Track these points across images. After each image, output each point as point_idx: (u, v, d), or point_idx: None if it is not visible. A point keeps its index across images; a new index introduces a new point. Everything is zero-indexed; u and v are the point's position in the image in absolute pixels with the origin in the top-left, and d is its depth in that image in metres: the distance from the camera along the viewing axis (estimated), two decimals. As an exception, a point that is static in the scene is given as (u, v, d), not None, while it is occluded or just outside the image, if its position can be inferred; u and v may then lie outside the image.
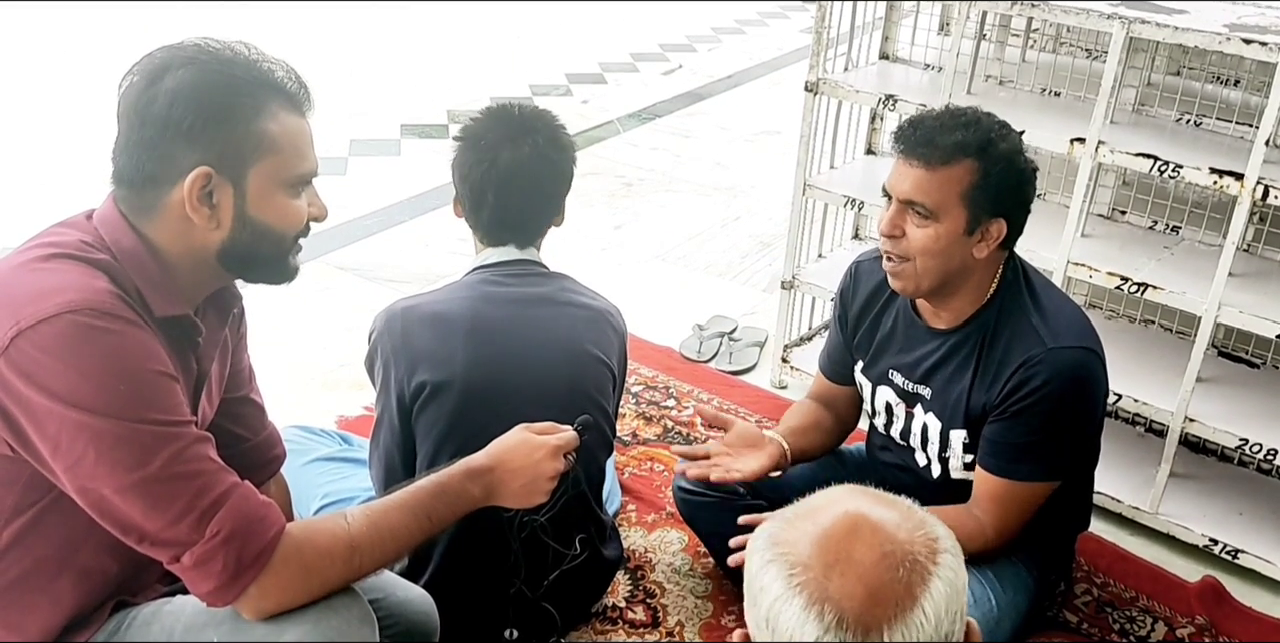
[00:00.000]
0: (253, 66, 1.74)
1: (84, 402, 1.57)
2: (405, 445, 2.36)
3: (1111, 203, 3.20)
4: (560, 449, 2.01)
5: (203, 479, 1.64)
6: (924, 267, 2.23)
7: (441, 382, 2.30)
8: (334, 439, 2.91)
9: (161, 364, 1.65)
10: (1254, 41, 2.47)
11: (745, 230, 4.80)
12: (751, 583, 1.19)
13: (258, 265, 1.82)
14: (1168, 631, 2.72)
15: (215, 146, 1.68)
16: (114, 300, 1.63)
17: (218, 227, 1.73)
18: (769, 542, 1.19)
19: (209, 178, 1.68)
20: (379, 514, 1.81)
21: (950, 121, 2.20)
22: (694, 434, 3.36)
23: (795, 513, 1.22)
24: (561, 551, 2.30)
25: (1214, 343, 3.01)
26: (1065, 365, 2.22)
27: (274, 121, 1.72)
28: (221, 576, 1.65)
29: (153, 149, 1.68)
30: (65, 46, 6.66)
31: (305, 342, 3.77)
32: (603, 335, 2.46)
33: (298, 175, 1.78)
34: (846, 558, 1.14)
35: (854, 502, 1.21)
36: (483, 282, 2.41)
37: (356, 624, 1.76)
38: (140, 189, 1.72)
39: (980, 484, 2.35)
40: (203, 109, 1.67)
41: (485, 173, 2.35)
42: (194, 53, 1.72)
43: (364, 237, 4.56)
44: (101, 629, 1.81)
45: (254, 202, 1.73)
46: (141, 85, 1.69)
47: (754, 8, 8.23)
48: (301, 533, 1.73)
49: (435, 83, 6.38)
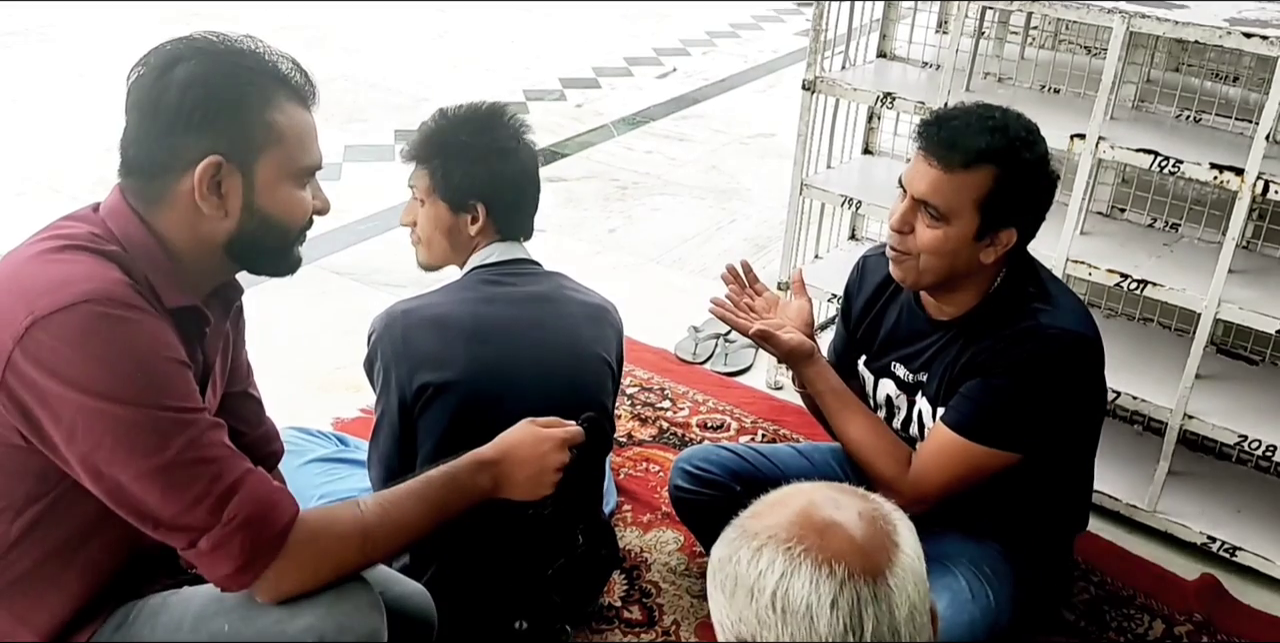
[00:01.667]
0: (260, 59, 1.76)
1: (101, 389, 1.58)
2: (405, 447, 2.35)
3: (1111, 200, 3.19)
4: (566, 442, 2.01)
5: (218, 465, 1.65)
6: (927, 264, 2.22)
7: (444, 383, 2.29)
8: (330, 441, 2.91)
9: (176, 352, 1.67)
10: (1255, 35, 2.47)
11: (740, 233, 4.79)
12: (743, 579, 1.22)
13: (263, 255, 1.84)
14: (1166, 628, 2.71)
15: (225, 136, 1.70)
16: (128, 290, 1.64)
17: (225, 215, 1.75)
18: (747, 535, 1.25)
19: (219, 166, 1.70)
20: (391, 504, 1.83)
21: (978, 123, 2.15)
22: (689, 436, 3.35)
23: (757, 511, 1.29)
24: (565, 541, 2.31)
25: (1213, 340, 3.00)
26: (1058, 344, 2.20)
27: (282, 113, 1.75)
28: (239, 559, 1.66)
29: (163, 138, 1.70)
30: (60, 45, 6.66)
31: (301, 345, 3.76)
32: (602, 333, 2.46)
33: (304, 167, 1.80)
34: (832, 522, 1.23)
35: (808, 486, 1.32)
36: (482, 281, 2.41)
37: (366, 611, 1.77)
38: (150, 179, 1.74)
39: (931, 435, 2.32)
40: (213, 99, 1.70)
41: (521, 174, 2.43)
42: (204, 44, 1.74)
43: (359, 241, 4.55)
44: (109, 621, 1.81)
45: (262, 192, 1.76)
46: (152, 76, 1.71)
47: (748, 11, 8.22)
48: (317, 519, 1.75)
49: (428, 88, 6.36)
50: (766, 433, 3.37)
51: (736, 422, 3.43)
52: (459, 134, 2.39)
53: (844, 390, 2.44)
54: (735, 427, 3.41)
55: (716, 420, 3.43)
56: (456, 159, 2.38)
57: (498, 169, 2.39)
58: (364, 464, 2.66)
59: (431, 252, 2.50)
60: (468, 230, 2.42)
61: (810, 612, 1.17)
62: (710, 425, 3.40)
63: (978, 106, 2.23)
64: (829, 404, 2.43)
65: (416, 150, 2.45)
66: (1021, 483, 2.33)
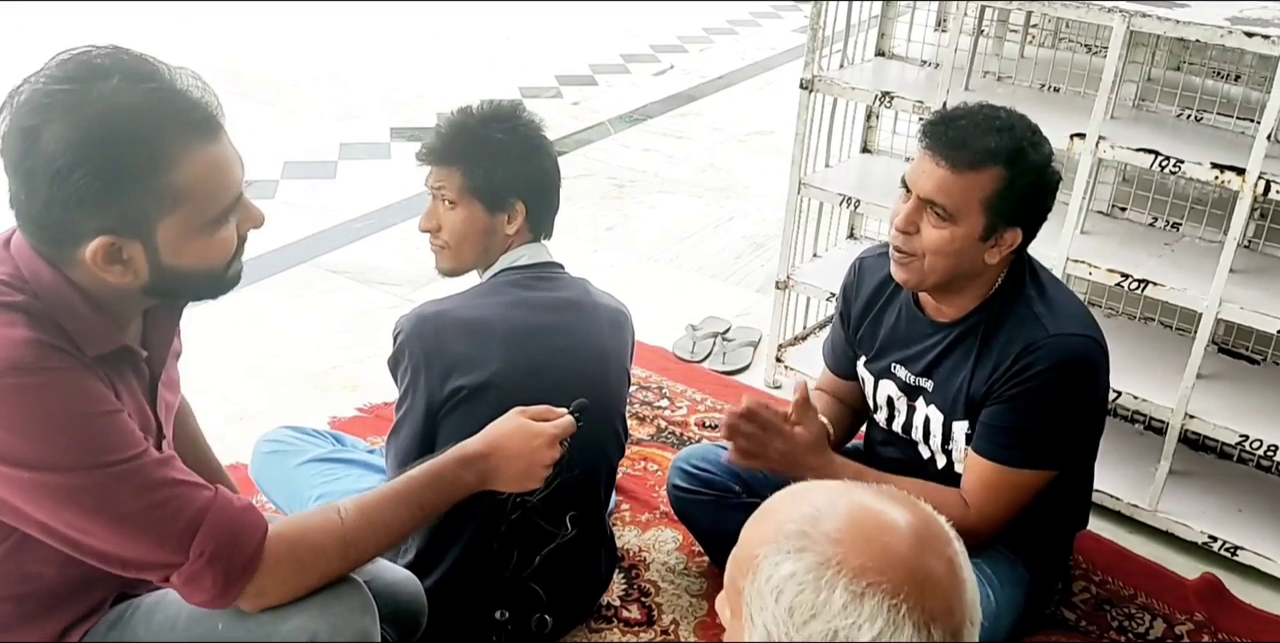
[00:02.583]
0: (148, 98, 1.52)
1: (30, 461, 1.52)
2: (424, 446, 2.33)
3: (1111, 199, 3.18)
4: (558, 437, 1.99)
5: (174, 504, 1.60)
6: (932, 265, 2.21)
7: (478, 386, 2.29)
8: (327, 440, 2.89)
9: (99, 403, 1.58)
10: (1256, 35, 2.46)
11: (738, 231, 4.78)
12: (831, 617, 1.16)
13: (188, 294, 1.73)
14: (1166, 628, 2.70)
15: (112, 212, 1.52)
16: (33, 350, 1.52)
17: (135, 276, 1.60)
18: (830, 563, 1.17)
19: (111, 244, 1.54)
20: (372, 507, 1.80)
21: (985, 123, 2.15)
22: (687, 435, 3.34)
23: (815, 514, 1.21)
24: (551, 531, 2.29)
25: (1214, 340, 3.00)
26: (1067, 352, 2.20)
27: (179, 169, 1.54)
28: (213, 590, 1.64)
29: (46, 210, 1.52)
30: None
31: (297, 343, 3.74)
32: (622, 340, 2.50)
33: (215, 215, 1.61)
34: (929, 575, 1.17)
35: (862, 493, 1.26)
36: (513, 285, 2.41)
37: (359, 612, 1.76)
38: (47, 242, 1.58)
39: (971, 469, 2.32)
40: (92, 174, 1.48)
41: (554, 169, 2.45)
42: (70, 94, 1.49)
43: (355, 239, 4.53)
44: (102, 620, 1.80)
45: (167, 252, 1.59)
46: (17, 138, 1.50)
47: (746, 8, 8.21)
48: (294, 532, 1.72)
49: (424, 85, 6.35)
50: (765, 432, 3.36)
51: (735, 421, 3.42)
52: (492, 132, 2.37)
53: (865, 469, 2.38)
54: (734, 426, 3.39)
55: (715, 419, 3.41)
56: (496, 157, 2.36)
57: (536, 165, 2.40)
58: (361, 464, 2.66)
59: (461, 256, 2.47)
60: (504, 230, 2.42)
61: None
62: (709, 424, 3.39)
63: (982, 106, 2.22)
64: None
65: (444, 151, 2.40)
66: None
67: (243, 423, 3.24)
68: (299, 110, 5.94)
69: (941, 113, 2.24)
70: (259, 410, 3.34)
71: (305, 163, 5.25)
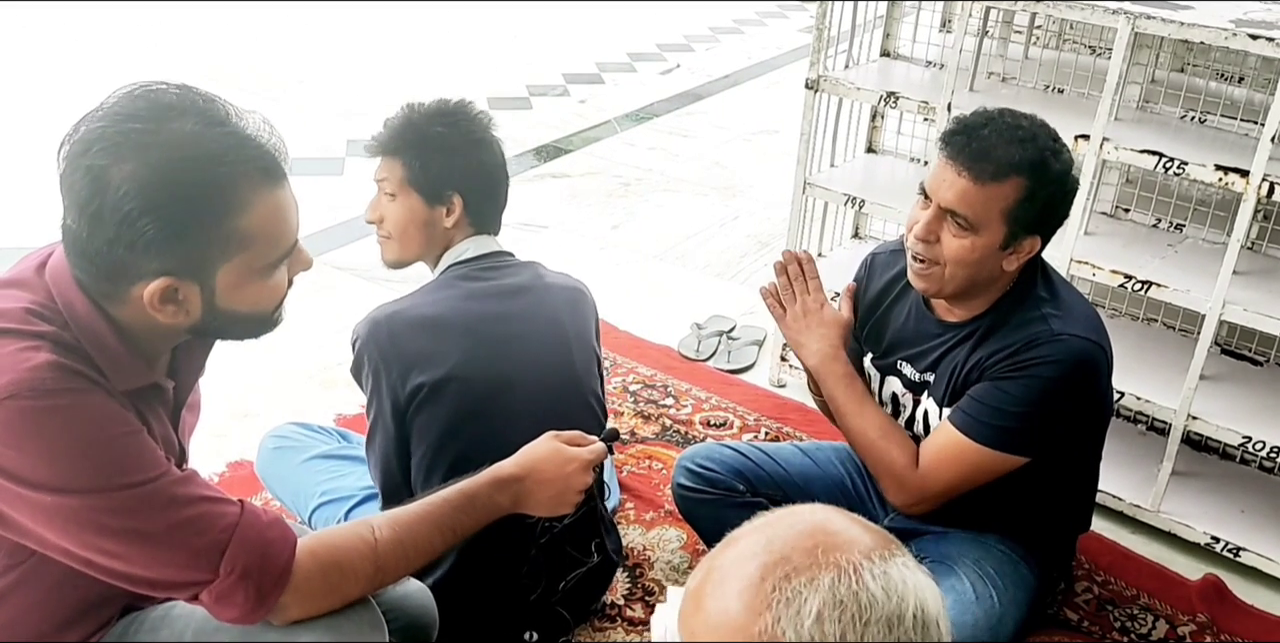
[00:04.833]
0: (221, 143, 1.52)
1: (53, 484, 1.49)
2: (401, 447, 2.35)
3: (1115, 200, 3.19)
4: (591, 463, 1.98)
5: (203, 521, 1.58)
6: (953, 274, 2.21)
7: (438, 382, 2.29)
8: (332, 437, 2.90)
9: (121, 424, 1.56)
10: (1260, 37, 2.46)
11: (743, 229, 4.79)
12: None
13: (232, 335, 1.73)
14: (1169, 629, 2.71)
15: (176, 255, 1.52)
16: (54, 373, 1.50)
17: (186, 316, 1.60)
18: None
19: (169, 286, 1.54)
20: (404, 530, 1.78)
21: (1008, 133, 2.13)
22: (692, 433, 3.34)
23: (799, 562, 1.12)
24: (580, 558, 2.31)
25: (1217, 341, 3.00)
26: (1068, 352, 2.20)
27: (246, 214, 1.54)
28: (245, 606, 1.62)
29: (107, 248, 1.50)
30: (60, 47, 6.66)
31: (303, 340, 3.75)
32: (583, 317, 2.49)
33: (274, 261, 1.62)
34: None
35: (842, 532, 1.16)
36: (462, 278, 2.41)
37: (368, 630, 1.74)
38: (97, 275, 1.56)
39: (936, 434, 2.32)
40: (162, 220, 1.48)
41: (496, 165, 2.45)
42: (142, 134, 1.48)
43: (361, 236, 4.53)
44: (108, 633, 1.79)
45: (224, 295, 1.60)
46: (85, 178, 1.48)
47: (752, 7, 8.22)
48: (326, 552, 1.70)
49: (432, 83, 6.35)
50: (769, 431, 3.37)
51: (739, 419, 3.43)
52: (433, 125, 2.40)
53: (860, 385, 2.44)
54: (738, 424, 3.41)
55: (719, 418, 3.43)
56: (434, 150, 2.38)
57: (474, 159, 2.41)
58: (366, 461, 2.67)
59: (404, 247, 2.47)
60: (443, 223, 2.42)
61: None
62: (713, 423, 3.40)
63: (1002, 114, 2.19)
64: (844, 393, 2.42)
65: (387, 143, 2.42)
66: (1026, 484, 2.32)
67: (247, 420, 3.26)
68: (307, 107, 5.94)
69: (963, 120, 2.21)
70: (264, 407, 3.36)
71: (312, 159, 5.25)
